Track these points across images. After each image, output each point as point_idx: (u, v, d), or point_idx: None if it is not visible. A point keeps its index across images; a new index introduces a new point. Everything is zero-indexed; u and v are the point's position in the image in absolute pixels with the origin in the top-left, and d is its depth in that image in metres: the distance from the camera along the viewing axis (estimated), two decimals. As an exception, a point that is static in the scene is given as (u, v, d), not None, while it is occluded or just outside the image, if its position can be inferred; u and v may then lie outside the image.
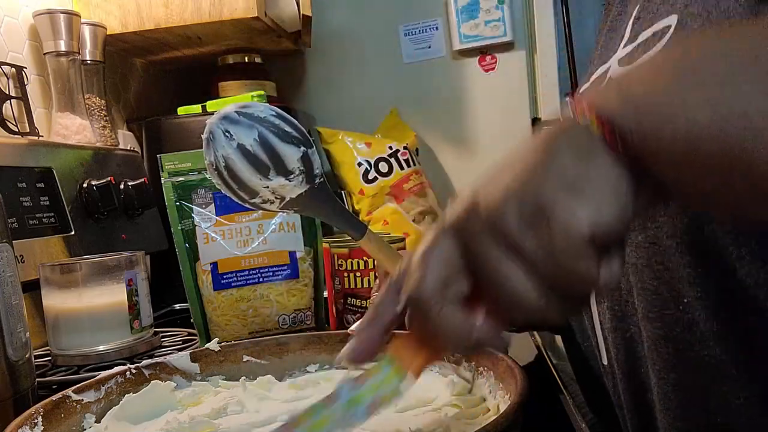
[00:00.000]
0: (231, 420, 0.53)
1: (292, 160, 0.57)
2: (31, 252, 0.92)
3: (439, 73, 1.91)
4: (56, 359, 0.81)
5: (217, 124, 0.56)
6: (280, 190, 0.57)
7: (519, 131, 1.90)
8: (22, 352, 0.61)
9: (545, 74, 1.89)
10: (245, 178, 0.56)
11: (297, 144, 0.57)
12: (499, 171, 0.35)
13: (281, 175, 0.56)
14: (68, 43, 1.16)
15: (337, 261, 0.82)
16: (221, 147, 0.55)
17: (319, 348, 0.64)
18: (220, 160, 0.56)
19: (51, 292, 0.80)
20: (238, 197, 0.58)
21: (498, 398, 0.49)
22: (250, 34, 1.49)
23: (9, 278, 0.61)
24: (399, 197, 1.71)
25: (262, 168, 0.56)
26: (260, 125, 0.56)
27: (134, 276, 0.83)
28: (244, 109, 0.56)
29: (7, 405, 0.59)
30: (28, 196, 0.95)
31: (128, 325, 0.82)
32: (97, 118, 1.27)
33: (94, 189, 1.08)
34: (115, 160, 1.22)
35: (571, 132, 0.33)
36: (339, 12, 1.93)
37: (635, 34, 0.51)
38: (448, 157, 1.94)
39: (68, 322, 0.80)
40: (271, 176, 0.56)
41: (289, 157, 0.56)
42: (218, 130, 0.55)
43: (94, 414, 0.54)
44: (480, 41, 1.86)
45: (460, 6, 1.85)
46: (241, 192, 0.57)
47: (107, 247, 1.07)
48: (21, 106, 1.11)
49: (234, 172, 0.56)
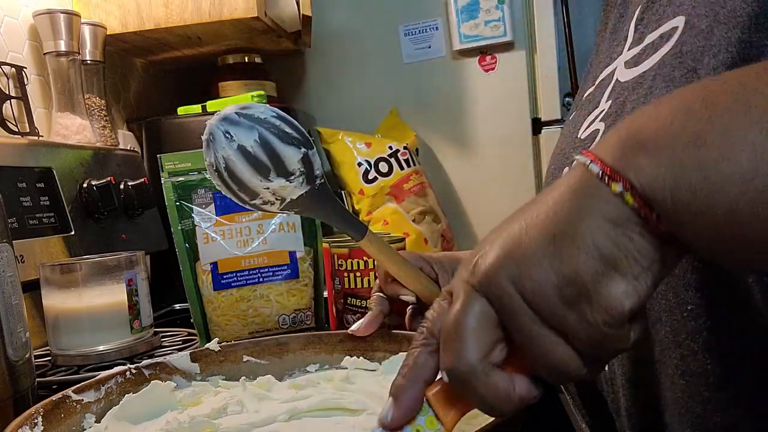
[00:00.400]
0: (231, 420, 0.53)
1: (293, 162, 0.56)
2: (31, 252, 0.92)
3: (439, 73, 1.91)
4: (56, 359, 0.81)
5: (217, 125, 0.55)
6: (281, 191, 0.57)
7: (519, 131, 1.90)
8: (22, 352, 0.61)
9: (545, 74, 1.89)
10: (245, 179, 0.56)
11: (297, 145, 0.57)
12: (525, 230, 0.34)
13: (282, 176, 0.56)
14: (68, 43, 1.16)
15: (337, 261, 0.82)
16: (221, 148, 0.55)
17: (319, 348, 0.64)
18: (221, 161, 0.56)
19: (51, 292, 0.80)
20: (239, 198, 0.58)
21: (498, 398, 0.49)
22: (250, 34, 1.49)
23: (9, 278, 0.61)
24: (399, 197, 1.71)
25: (263, 169, 0.56)
26: (261, 126, 0.56)
27: (134, 276, 0.83)
28: (244, 110, 0.56)
29: (7, 405, 0.59)
30: (28, 196, 0.95)
31: (128, 325, 0.82)
32: (97, 118, 1.27)
33: (94, 189, 1.08)
34: (115, 160, 1.22)
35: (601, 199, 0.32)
36: (339, 12, 1.93)
37: (640, 36, 0.50)
38: (448, 157, 1.94)
39: (68, 322, 0.80)
40: (272, 177, 0.56)
41: (289, 159, 0.56)
42: (218, 131, 0.55)
43: (94, 414, 0.54)
44: (480, 41, 1.86)
45: (460, 6, 1.85)
46: (241, 193, 0.57)
47: (107, 247, 1.07)
48: (21, 106, 1.11)
49: (234, 173, 0.56)
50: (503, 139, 1.90)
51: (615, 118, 0.50)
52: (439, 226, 1.75)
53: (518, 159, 1.90)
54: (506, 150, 1.90)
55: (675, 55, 0.45)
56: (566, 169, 0.56)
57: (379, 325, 0.64)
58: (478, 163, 1.92)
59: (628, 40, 0.53)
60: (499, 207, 1.88)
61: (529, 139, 1.90)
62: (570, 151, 0.57)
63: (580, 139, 0.55)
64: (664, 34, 0.47)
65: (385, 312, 0.66)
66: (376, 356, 0.63)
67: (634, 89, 0.49)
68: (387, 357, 0.62)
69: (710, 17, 0.42)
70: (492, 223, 0.38)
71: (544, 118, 1.91)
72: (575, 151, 0.55)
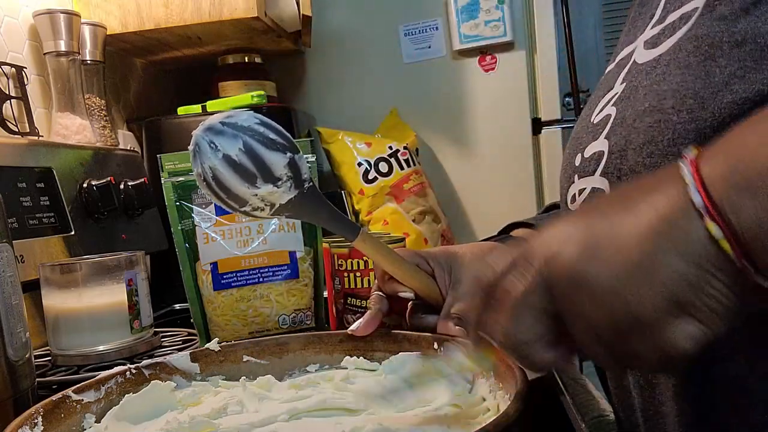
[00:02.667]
0: (231, 420, 0.53)
1: (279, 167, 0.57)
2: (31, 252, 0.92)
3: (439, 73, 1.91)
4: (56, 359, 0.81)
5: (202, 135, 0.56)
6: (269, 197, 0.57)
7: (519, 131, 1.90)
8: (22, 352, 0.61)
9: (545, 74, 1.89)
10: (233, 187, 0.56)
11: (283, 150, 0.57)
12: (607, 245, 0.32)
13: (269, 182, 0.56)
14: (68, 43, 1.16)
15: (337, 261, 0.82)
16: (207, 159, 0.55)
17: (319, 348, 0.64)
18: (207, 171, 0.56)
19: (51, 292, 0.80)
20: (228, 206, 0.58)
21: (498, 398, 0.49)
22: (250, 34, 1.49)
23: (9, 278, 0.60)
24: (399, 197, 1.71)
25: (249, 177, 0.56)
26: (244, 134, 0.56)
27: (134, 276, 0.83)
28: (228, 119, 0.56)
29: (7, 405, 0.59)
30: (28, 196, 0.95)
31: (128, 325, 0.82)
32: (97, 118, 1.27)
33: (94, 189, 1.08)
34: (115, 160, 1.22)
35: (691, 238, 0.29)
36: (339, 12, 1.93)
37: (666, 13, 0.48)
38: (448, 157, 1.94)
39: (68, 322, 0.80)
40: (259, 184, 0.56)
41: (275, 165, 0.56)
42: (203, 142, 0.56)
43: (94, 414, 0.54)
44: (480, 41, 1.86)
45: (460, 6, 1.85)
46: (230, 201, 0.58)
47: (107, 247, 1.07)
48: (21, 106, 1.11)
49: (222, 182, 0.56)
50: (503, 139, 1.90)
51: (627, 103, 0.48)
52: (439, 226, 1.75)
53: (518, 159, 1.90)
54: (506, 150, 1.90)
55: (690, 38, 0.42)
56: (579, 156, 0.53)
57: (378, 324, 0.64)
58: (478, 163, 1.92)
59: (655, 17, 0.49)
60: (499, 207, 1.88)
61: (529, 139, 1.90)
62: (583, 135, 0.54)
63: (593, 124, 0.53)
64: (684, 14, 0.44)
65: (384, 311, 0.66)
66: (376, 356, 0.62)
67: (648, 74, 0.46)
68: (387, 357, 0.62)
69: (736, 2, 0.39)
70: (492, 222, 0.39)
71: (544, 118, 1.91)
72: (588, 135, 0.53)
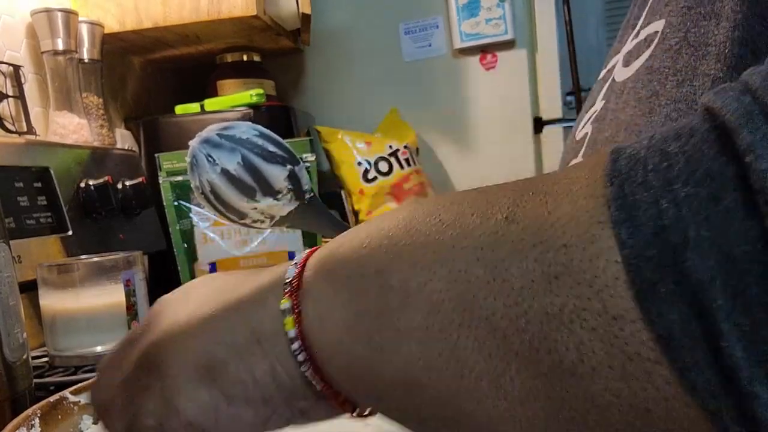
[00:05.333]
0: (230, 422, 0.53)
1: (279, 180, 0.55)
2: (28, 252, 0.91)
3: (439, 72, 1.91)
4: (54, 360, 0.80)
5: (199, 148, 0.55)
6: (269, 210, 0.56)
7: (520, 130, 1.89)
8: (19, 353, 0.61)
9: (547, 73, 1.88)
10: (232, 201, 0.55)
11: (283, 163, 0.56)
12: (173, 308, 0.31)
13: (269, 196, 0.55)
14: (66, 41, 1.15)
15: (337, 260, 0.81)
16: (205, 173, 0.54)
17: (319, 349, 0.64)
18: (206, 185, 0.55)
19: (48, 292, 0.80)
20: (227, 219, 0.57)
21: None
22: (249, 32, 1.48)
23: (6, 279, 0.60)
24: (399, 197, 1.71)
25: (248, 191, 0.55)
26: (243, 147, 0.55)
27: (132, 276, 0.82)
28: (225, 131, 0.55)
29: (4, 406, 0.58)
30: (26, 196, 0.95)
31: (126, 326, 0.81)
32: (94, 117, 1.27)
33: (91, 189, 1.08)
34: (112, 159, 1.21)
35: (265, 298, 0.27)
36: (338, 10, 1.92)
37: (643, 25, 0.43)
38: (448, 156, 1.93)
39: (66, 323, 0.79)
40: (258, 198, 0.55)
41: (275, 178, 0.55)
42: (201, 155, 0.54)
43: (91, 415, 0.53)
44: (481, 39, 1.86)
45: (461, 4, 1.84)
46: (229, 214, 0.57)
47: (105, 247, 1.06)
48: (18, 105, 1.10)
49: (220, 196, 0.55)
50: (504, 138, 1.89)
51: (600, 125, 0.44)
52: (439, 226, 1.74)
53: (519, 158, 1.89)
54: (507, 149, 1.89)
55: (647, 69, 0.38)
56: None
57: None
58: (479, 162, 1.91)
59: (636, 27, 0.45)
60: (499, 206, 1.87)
61: (530, 138, 1.89)
62: (569, 149, 0.52)
63: (576, 140, 0.50)
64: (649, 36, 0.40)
65: None
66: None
67: (618, 97, 0.42)
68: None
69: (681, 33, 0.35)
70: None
71: (545, 117, 1.90)
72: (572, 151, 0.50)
